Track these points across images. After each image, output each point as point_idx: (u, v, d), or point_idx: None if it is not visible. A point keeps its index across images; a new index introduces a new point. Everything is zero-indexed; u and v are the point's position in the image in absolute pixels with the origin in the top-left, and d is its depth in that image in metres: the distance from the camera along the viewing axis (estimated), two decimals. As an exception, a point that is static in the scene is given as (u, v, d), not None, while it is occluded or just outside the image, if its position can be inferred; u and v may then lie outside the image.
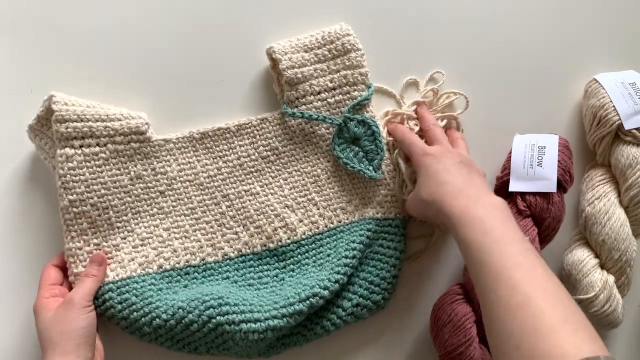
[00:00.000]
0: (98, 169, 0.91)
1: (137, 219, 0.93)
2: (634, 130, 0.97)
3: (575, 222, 1.02)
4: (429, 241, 0.99)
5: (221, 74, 1.01)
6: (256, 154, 0.97)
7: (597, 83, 1.02)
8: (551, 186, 0.95)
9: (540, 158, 0.96)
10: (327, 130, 0.97)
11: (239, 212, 0.95)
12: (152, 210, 0.93)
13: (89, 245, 0.90)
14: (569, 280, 0.94)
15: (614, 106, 0.98)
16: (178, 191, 0.95)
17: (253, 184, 0.96)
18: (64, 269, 0.91)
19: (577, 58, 1.09)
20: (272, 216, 0.95)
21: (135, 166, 0.93)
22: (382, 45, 1.04)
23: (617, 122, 0.97)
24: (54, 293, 0.87)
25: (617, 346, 1.02)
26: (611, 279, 0.94)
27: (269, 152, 0.97)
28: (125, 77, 1.00)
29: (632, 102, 0.98)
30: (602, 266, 0.95)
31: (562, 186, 0.97)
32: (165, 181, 0.94)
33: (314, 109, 0.96)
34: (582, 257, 0.95)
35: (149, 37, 1.01)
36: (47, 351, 0.81)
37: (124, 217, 0.92)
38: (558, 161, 0.96)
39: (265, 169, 0.97)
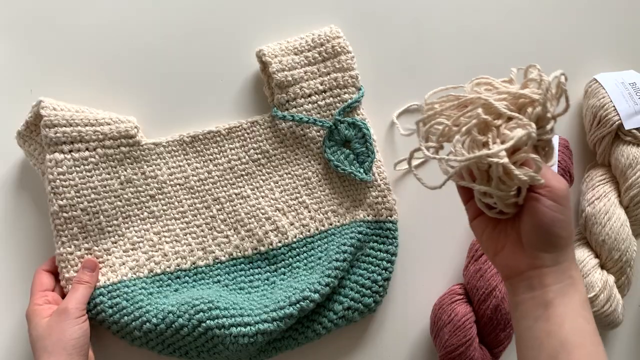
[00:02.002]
0: (88, 174, 0.91)
1: (127, 223, 0.93)
2: (634, 130, 0.97)
3: (575, 222, 1.01)
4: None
5: (211, 77, 1.02)
6: (247, 157, 0.97)
7: (597, 83, 1.02)
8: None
9: (540, 159, 0.96)
10: (318, 133, 0.97)
11: (229, 216, 0.95)
12: (142, 214, 0.94)
13: (80, 250, 0.90)
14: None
15: (614, 106, 0.98)
16: (168, 195, 0.95)
17: (244, 187, 0.96)
18: (55, 273, 0.91)
19: (577, 58, 1.08)
20: (263, 219, 0.95)
21: (125, 170, 0.93)
22: (373, 48, 1.04)
23: (617, 122, 0.97)
24: (47, 300, 0.87)
25: (617, 346, 1.01)
26: (611, 279, 0.93)
27: (259, 155, 0.97)
28: (116, 80, 1.00)
29: (632, 102, 0.98)
30: (602, 266, 0.95)
31: (562, 187, 0.96)
32: (156, 185, 0.94)
33: (304, 112, 0.96)
34: (582, 257, 0.95)
35: (139, 41, 1.02)
36: (51, 356, 0.81)
37: (115, 222, 0.92)
38: (558, 161, 0.97)
39: (256, 172, 0.97)
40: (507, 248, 0.71)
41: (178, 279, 0.92)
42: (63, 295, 0.89)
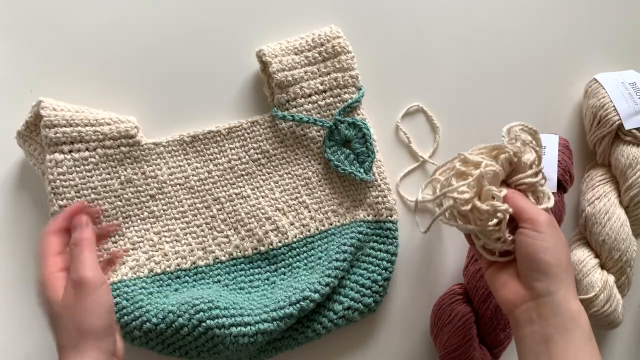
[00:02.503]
0: (88, 174, 0.91)
1: (127, 223, 0.93)
2: (634, 130, 0.97)
3: (575, 222, 1.02)
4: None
5: (211, 77, 1.02)
6: (247, 157, 0.97)
7: (597, 83, 1.02)
8: (551, 186, 0.95)
9: (540, 158, 0.96)
10: (318, 133, 0.97)
11: (229, 216, 0.95)
12: (142, 214, 0.93)
13: (80, 250, 0.90)
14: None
15: (614, 106, 0.98)
16: (169, 195, 0.95)
17: (244, 187, 0.96)
18: (66, 231, 0.81)
19: (577, 58, 1.08)
20: (263, 219, 0.95)
21: (126, 170, 0.93)
22: (373, 48, 1.05)
23: (617, 122, 0.97)
24: (60, 267, 0.76)
25: (617, 346, 1.02)
26: (611, 279, 0.93)
27: (259, 155, 0.97)
28: (116, 80, 1.00)
29: (632, 102, 0.97)
30: (602, 266, 0.94)
31: (562, 186, 0.97)
32: (156, 185, 0.94)
33: (304, 112, 0.96)
34: (582, 257, 0.94)
35: (139, 41, 1.02)
36: (75, 341, 0.71)
37: (115, 222, 0.92)
38: (558, 161, 0.96)
39: (256, 172, 0.97)
40: (508, 283, 0.76)
41: (178, 279, 0.92)
42: None
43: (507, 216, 0.75)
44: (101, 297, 0.73)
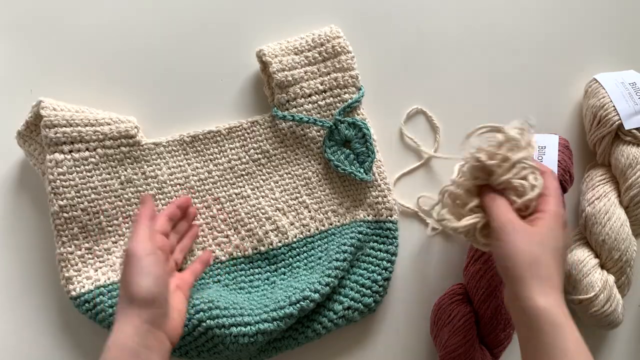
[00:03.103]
0: (88, 174, 0.91)
1: (127, 223, 0.93)
2: (634, 130, 0.97)
3: (575, 222, 1.01)
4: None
5: (211, 77, 1.02)
6: (247, 157, 0.97)
7: (597, 83, 1.02)
8: (551, 186, 0.94)
9: (540, 158, 0.96)
10: (318, 133, 0.97)
11: (230, 216, 0.95)
12: (143, 214, 0.93)
13: (80, 250, 0.90)
14: (569, 280, 0.93)
15: (614, 106, 0.98)
16: (169, 195, 0.95)
17: (244, 187, 0.96)
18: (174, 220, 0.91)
19: (577, 58, 1.08)
20: (263, 219, 0.95)
21: (126, 170, 0.93)
22: (373, 48, 1.04)
23: (617, 122, 0.97)
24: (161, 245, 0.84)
25: (617, 346, 1.01)
26: (611, 279, 0.93)
27: (259, 155, 0.97)
28: (116, 80, 1.00)
29: (632, 102, 0.97)
30: (602, 266, 0.94)
31: (562, 186, 0.96)
32: (156, 185, 0.94)
33: (304, 112, 0.96)
34: (582, 257, 0.94)
35: (139, 41, 1.02)
36: (121, 307, 0.74)
37: (115, 222, 0.92)
38: (558, 161, 0.96)
39: (256, 171, 0.97)
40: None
41: (178, 279, 0.92)
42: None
43: (478, 227, 0.79)
44: (144, 267, 0.74)
